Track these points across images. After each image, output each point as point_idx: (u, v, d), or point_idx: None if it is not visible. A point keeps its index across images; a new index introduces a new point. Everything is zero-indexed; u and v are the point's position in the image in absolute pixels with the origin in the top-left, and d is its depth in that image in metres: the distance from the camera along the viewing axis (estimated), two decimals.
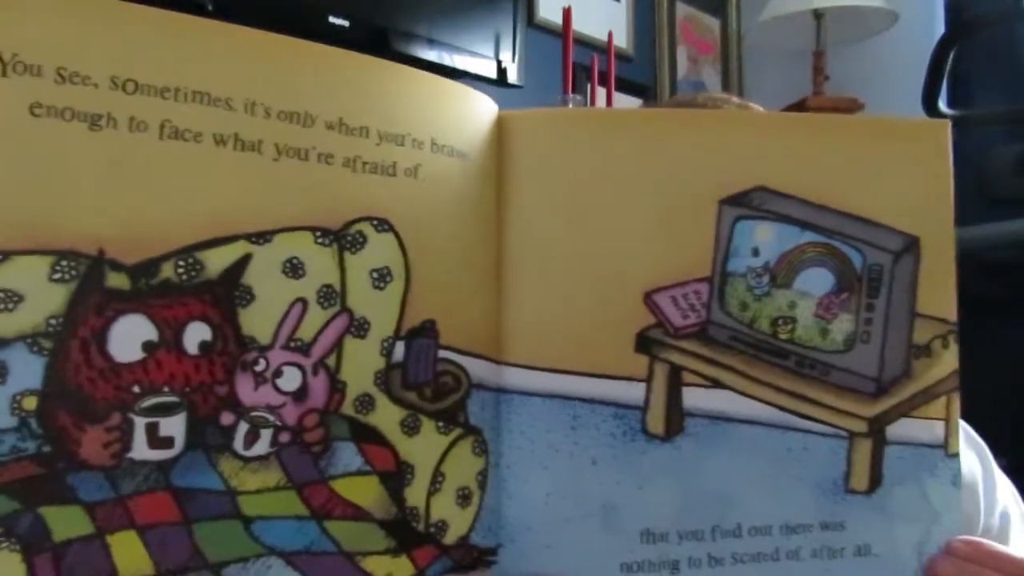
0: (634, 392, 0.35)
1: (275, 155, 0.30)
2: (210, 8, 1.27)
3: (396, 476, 0.33)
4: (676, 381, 0.35)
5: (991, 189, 2.07)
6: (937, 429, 0.39)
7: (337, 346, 0.31)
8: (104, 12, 0.28)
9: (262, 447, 0.31)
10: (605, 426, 0.35)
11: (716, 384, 0.36)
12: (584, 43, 2.10)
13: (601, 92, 1.91)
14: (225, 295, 0.29)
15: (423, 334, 0.33)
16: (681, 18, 2.58)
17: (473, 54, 1.70)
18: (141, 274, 0.28)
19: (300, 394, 0.31)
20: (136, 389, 0.28)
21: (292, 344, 0.31)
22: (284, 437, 0.31)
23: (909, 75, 2.02)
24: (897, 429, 0.38)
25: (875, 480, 0.38)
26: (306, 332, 0.31)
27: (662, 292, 0.35)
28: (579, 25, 1.98)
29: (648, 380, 0.35)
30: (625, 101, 2.28)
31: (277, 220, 0.30)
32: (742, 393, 0.36)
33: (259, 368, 0.30)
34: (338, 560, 0.32)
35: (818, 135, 0.38)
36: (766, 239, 0.36)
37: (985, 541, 0.40)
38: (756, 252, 0.36)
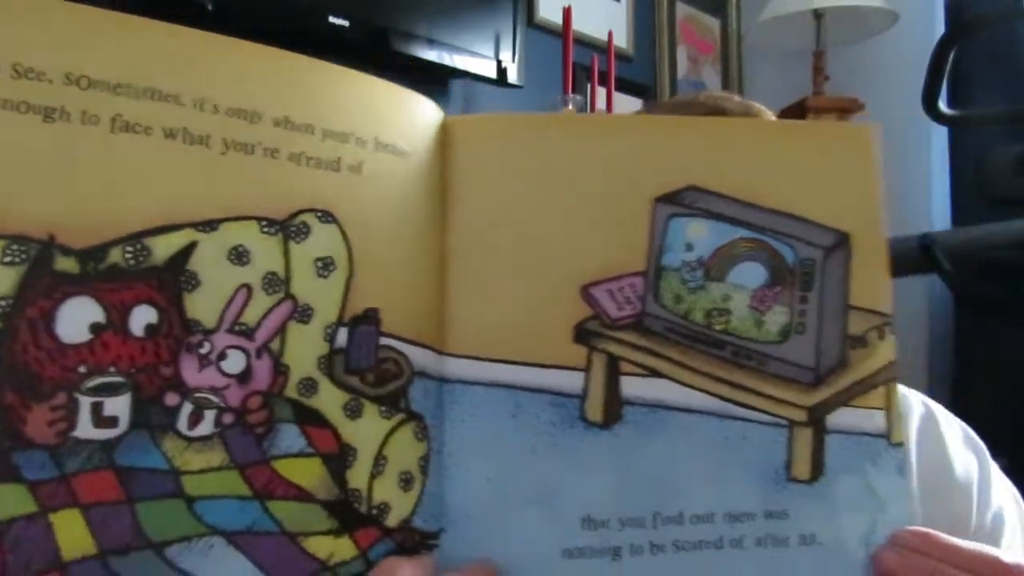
0: (573, 381, 0.36)
1: (223, 149, 0.31)
2: (210, 8, 1.27)
3: (338, 458, 0.33)
4: (614, 370, 0.37)
5: (991, 189, 2.08)
6: (878, 419, 0.39)
7: (281, 331, 0.32)
8: (58, 13, 0.30)
9: (206, 428, 0.31)
10: (545, 414, 0.36)
11: (653, 373, 0.37)
12: (584, 43, 2.10)
13: (601, 92, 1.91)
14: (171, 280, 0.30)
15: (365, 321, 0.34)
16: (681, 18, 2.58)
17: (473, 54, 1.70)
18: (89, 258, 0.29)
19: (244, 376, 0.32)
20: (82, 369, 0.29)
21: (237, 328, 0.32)
22: (228, 418, 0.32)
23: (909, 75, 2.02)
24: (837, 418, 0.39)
25: (817, 469, 0.38)
26: (250, 317, 0.32)
27: (599, 286, 0.37)
28: (579, 25, 1.98)
29: (587, 370, 0.36)
30: (625, 101, 2.28)
31: (224, 210, 0.31)
32: (679, 382, 0.37)
33: (204, 351, 0.31)
34: (280, 540, 0.33)
35: (745, 138, 0.40)
36: (699, 235, 0.38)
37: (935, 532, 0.40)
38: (690, 247, 0.38)
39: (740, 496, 0.37)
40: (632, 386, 0.37)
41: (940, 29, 2.29)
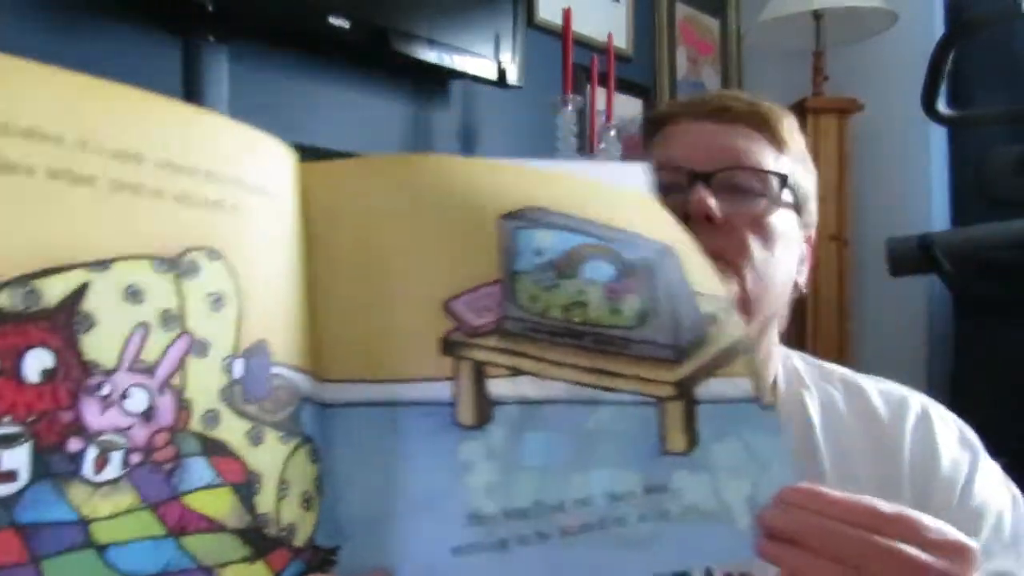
0: (444, 391, 0.39)
1: (109, 189, 0.31)
2: (210, 8, 1.27)
3: (246, 486, 0.34)
4: (480, 375, 0.39)
5: (991, 189, 2.08)
6: (745, 385, 0.41)
7: (181, 366, 0.32)
8: None
9: (113, 471, 0.31)
10: (422, 424, 0.38)
11: (517, 372, 0.39)
12: (584, 44, 2.10)
13: (601, 92, 1.91)
14: (65, 322, 0.29)
15: (257, 352, 0.35)
16: (681, 18, 2.58)
17: (473, 55, 1.70)
18: None
19: (148, 414, 0.32)
20: None
21: (137, 366, 0.31)
22: (135, 458, 0.31)
23: (909, 75, 2.02)
24: (706, 389, 0.41)
25: (691, 440, 0.40)
26: (150, 354, 0.32)
27: (458, 299, 0.39)
28: (579, 26, 1.98)
29: (455, 378, 0.39)
30: (625, 101, 2.28)
31: (114, 249, 0.31)
32: (542, 376, 0.39)
33: (105, 392, 0.30)
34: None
35: (562, 180, 0.43)
36: (546, 241, 0.40)
37: (815, 487, 0.41)
38: (539, 252, 0.40)
39: (619, 476, 0.39)
40: (499, 387, 0.39)
41: (940, 29, 2.29)
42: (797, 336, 2.25)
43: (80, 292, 0.30)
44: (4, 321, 0.28)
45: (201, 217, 0.33)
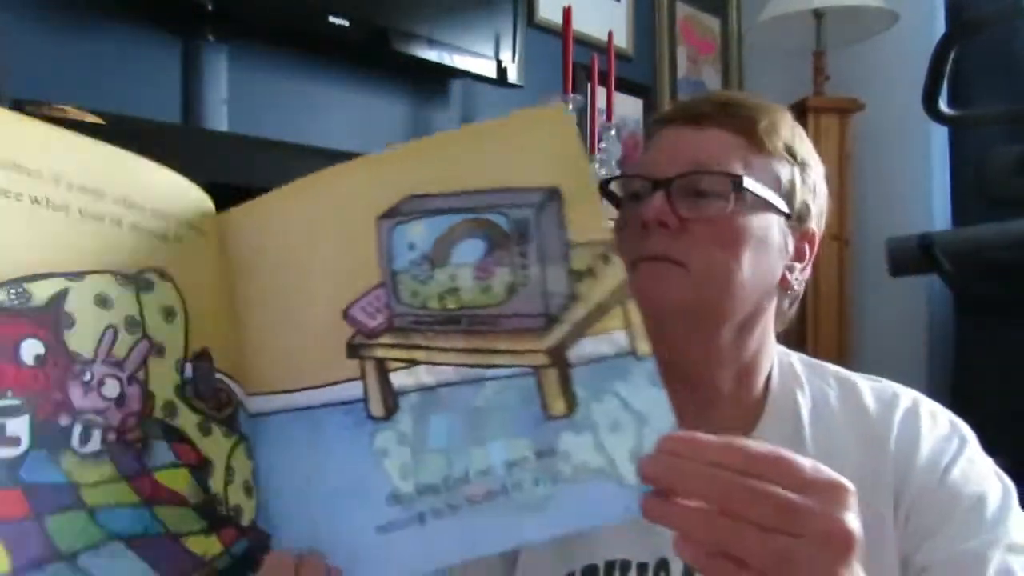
0: (356, 389, 0.43)
1: (79, 216, 0.38)
2: (210, 8, 1.27)
3: (201, 468, 0.40)
4: (383, 370, 0.43)
5: (991, 189, 2.08)
6: (620, 339, 0.42)
7: (144, 364, 0.39)
8: None
9: (94, 444, 0.38)
10: (340, 421, 0.43)
11: (413, 363, 0.43)
12: (584, 43, 2.10)
13: (601, 92, 1.91)
14: (52, 319, 0.36)
15: (203, 358, 0.42)
16: (681, 18, 2.58)
17: (473, 54, 1.70)
18: None
19: (120, 401, 0.39)
20: None
21: (110, 359, 0.38)
22: (111, 436, 0.38)
23: (909, 75, 2.02)
24: (579, 351, 0.42)
25: (570, 403, 0.42)
26: (119, 352, 0.39)
27: (355, 306, 0.44)
28: (579, 25, 1.98)
29: (363, 377, 0.43)
30: (625, 100, 2.28)
31: (86, 264, 0.38)
32: (433, 363, 0.43)
33: (86, 379, 0.38)
34: (166, 541, 0.39)
35: (452, 141, 0.46)
36: (418, 234, 0.44)
37: (690, 433, 0.41)
38: (412, 247, 0.44)
39: (512, 445, 0.42)
40: (400, 378, 0.43)
41: (940, 29, 2.29)
42: (797, 336, 2.25)
43: (62, 295, 0.37)
44: (2, 314, 0.35)
45: (152, 244, 0.41)
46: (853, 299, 2.32)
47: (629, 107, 2.32)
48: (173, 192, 0.43)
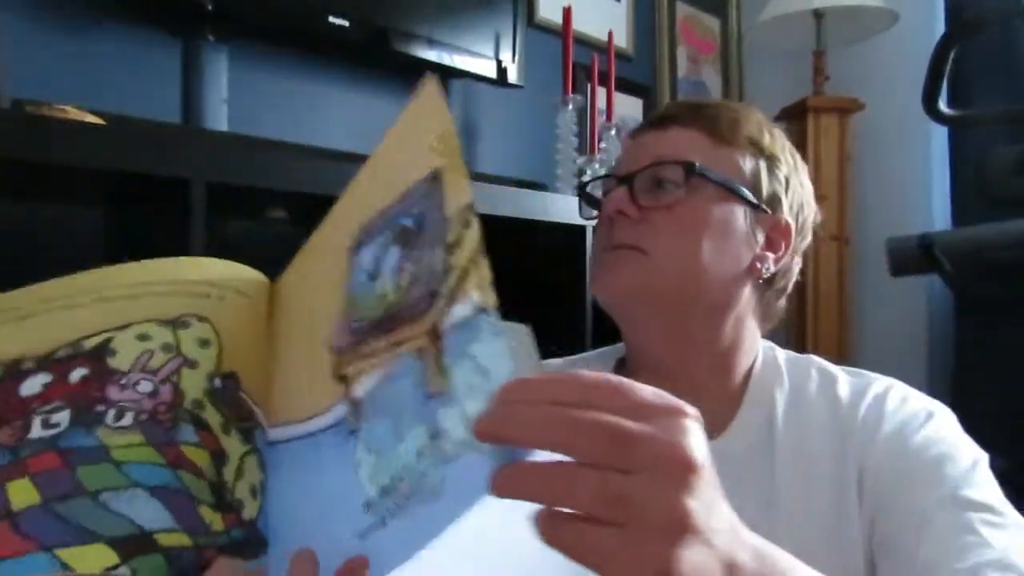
0: (341, 409, 0.46)
1: (128, 297, 0.48)
2: (210, 8, 1.27)
3: (218, 455, 0.46)
4: (348, 385, 0.46)
5: (991, 189, 2.08)
6: (475, 298, 0.41)
7: (177, 372, 0.46)
8: None
9: (127, 421, 0.44)
10: (331, 442, 0.46)
11: (362, 373, 0.46)
12: (584, 43, 2.10)
13: (601, 92, 1.91)
14: (96, 355, 0.45)
15: (230, 377, 0.48)
16: (681, 18, 2.58)
17: (473, 54, 1.70)
18: (49, 359, 0.45)
19: (153, 395, 0.45)
20: (34, 405, 0.44)
21: (146, 369, 0.45)
22: (143, 416, 0.44)
23: (909, 75, 2.02)
24: (449, 321, 0.41)
25: (444, 377, 0.41)
26: (155, 364, 0.46)
27: (332, 334, 0.47)
28: (579, 25, 1.98)
29: (344, 396, 0.46)
30: (625, 101, 2.28)
31: (132, 319, 0.47)
32: (372, 370, 0.45)
33: (123, 382, 0.45)
34: (184, 499, 0.44)
35: (375, 163, 0.49)
36: (367, 255, 0.47)
37: (528, 377, 0.37)
38: (361, 268, 0.47)
39: (417, 434, 0.42)
40: (357, 390, 0.45)
41: (940, 29, 2.29)
42: (798, 336, 2.25)
43: (107, 341, 0.45)
44: (58, 362, 0.45)
45: (194, 301, 0.48)
46: (853, 299, 2.33)
47: (629, 107, 2.32)
48: (225, 271, 0.50)
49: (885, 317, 2.36)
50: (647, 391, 0.37)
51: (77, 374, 0.44)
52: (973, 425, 0.69)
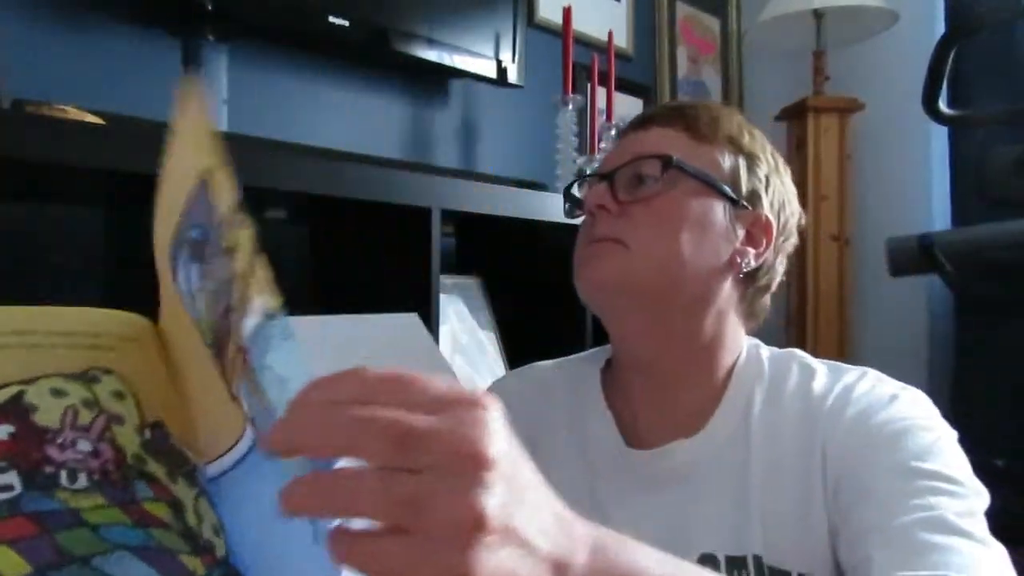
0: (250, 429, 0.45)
1: (15, 348, 0.45)
2: (210, 8, 1.27)
3: (175, 504, 0.45)
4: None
5: (991, 189, 2.08)
6: (261, 302, 0.37)
7: (108, 428, 0.45)
8: None
9: (83, 482, 0.43)
10: (256, 460, 0.43)
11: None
12: (584, 43, 2.10)
13: (601, 92, 1.91)
14: (15, 409, 0.43)
15: (157, 426, 0.47)
16: (681, 18, 2.58)
17: (473, 54, 1.70)
18: None
19: (95, 454, 0.44)
20: None
21: (76, 426, 0.44)
22: (96, 476, 0.43)
23: (909, 75, 2.02)
24: (245, 333, 0.38)
25: (263, 395, 0.38)
26: (83, 420, 0.44)
27: (213, 362, 0.45)
28: (579, 25, 1.98)
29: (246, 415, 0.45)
30: (625, 101, 2.28)
31: (35, 374, 0.44)
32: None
33: (59, 441, 0.43)
34: (165, 555, 0.43)
35: (164, 179, 0.47)
36: (183, 279, 0.46)
37: (320, 377, 0.35)
38: (188, 295, 0.45)
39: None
40: (245, 405, 0.43)
41: (940, 29, 2.29)
42: (798, 336, 2.25)
43: (20, 394, 0.43)
44: None
45: (90, 354, 0.47)
46: (853, 299, 2.33)
47: (629, 107, 2.32)
48: (104, 320, 0.49)
49: (885, 317, 2.36)
50: (439, 384, 0.34)
51: (3, 430, 0.42)
52: (973, 425, 0.69)
